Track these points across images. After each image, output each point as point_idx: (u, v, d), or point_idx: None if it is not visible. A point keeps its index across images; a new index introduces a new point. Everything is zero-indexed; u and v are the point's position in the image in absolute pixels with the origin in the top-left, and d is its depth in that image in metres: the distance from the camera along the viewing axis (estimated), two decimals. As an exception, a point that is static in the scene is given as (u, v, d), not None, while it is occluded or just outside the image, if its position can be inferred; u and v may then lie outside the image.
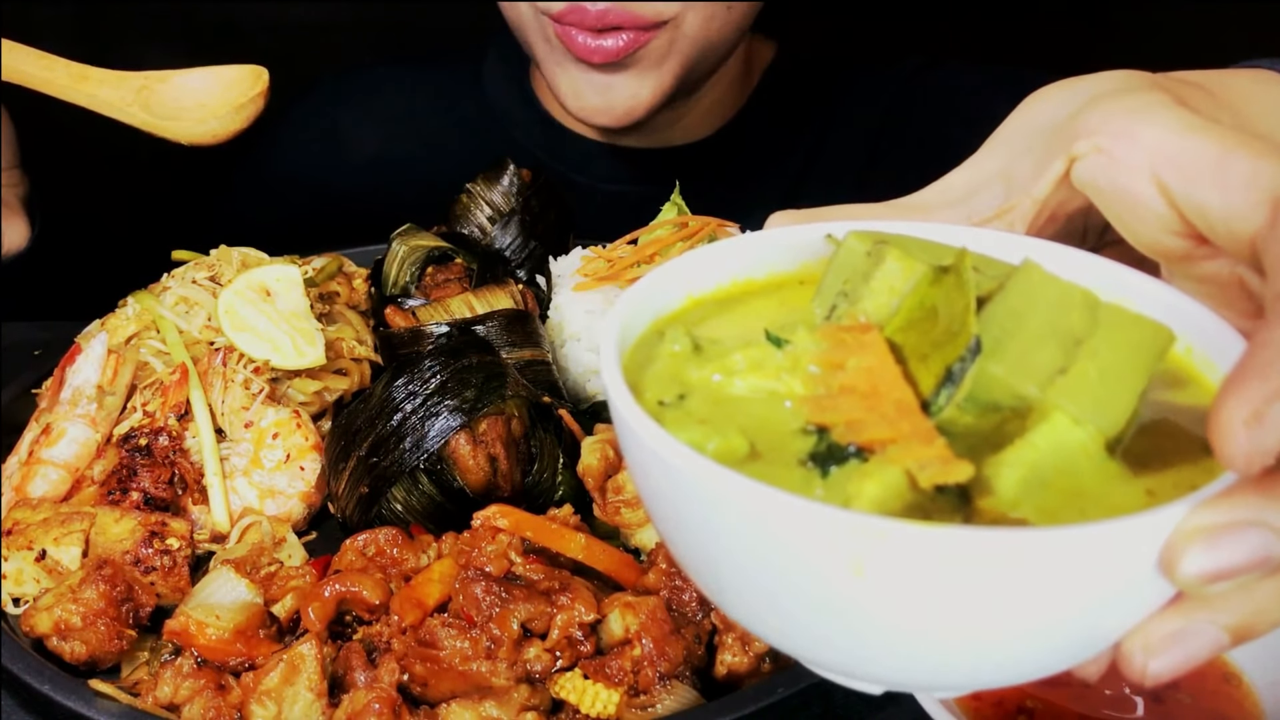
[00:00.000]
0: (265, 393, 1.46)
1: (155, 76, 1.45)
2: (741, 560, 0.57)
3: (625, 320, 0.67)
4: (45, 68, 1.41)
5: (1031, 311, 0.61)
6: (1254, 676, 1.10)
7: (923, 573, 0.52)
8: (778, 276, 0.74)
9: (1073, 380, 0.59)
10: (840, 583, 0.54)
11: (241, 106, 1.43)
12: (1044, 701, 1.07)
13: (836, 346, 0.62)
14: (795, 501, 0.53)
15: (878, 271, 0.64)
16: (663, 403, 0.62)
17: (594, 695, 1.10)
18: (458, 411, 1.39)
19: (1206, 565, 0.53)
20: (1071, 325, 0.61)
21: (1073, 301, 0.62)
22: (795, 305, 0.71)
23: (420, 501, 1.40)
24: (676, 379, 0.64)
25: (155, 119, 1.42)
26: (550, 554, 1.23)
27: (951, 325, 0.61)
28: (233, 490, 1.42)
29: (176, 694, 1.12)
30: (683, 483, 0.56)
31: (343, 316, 1.64)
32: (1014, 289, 0.61)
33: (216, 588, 1.20)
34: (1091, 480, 0.58)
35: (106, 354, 1.50)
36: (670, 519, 0.62)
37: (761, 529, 0.54)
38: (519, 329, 1.52)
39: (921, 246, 0.66)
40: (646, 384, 0.63)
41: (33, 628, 1.21)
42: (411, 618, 1.15)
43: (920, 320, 0.63)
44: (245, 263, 1.62)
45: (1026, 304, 0.61)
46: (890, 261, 0.64)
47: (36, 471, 1.42)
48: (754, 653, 1.15)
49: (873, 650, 0.62)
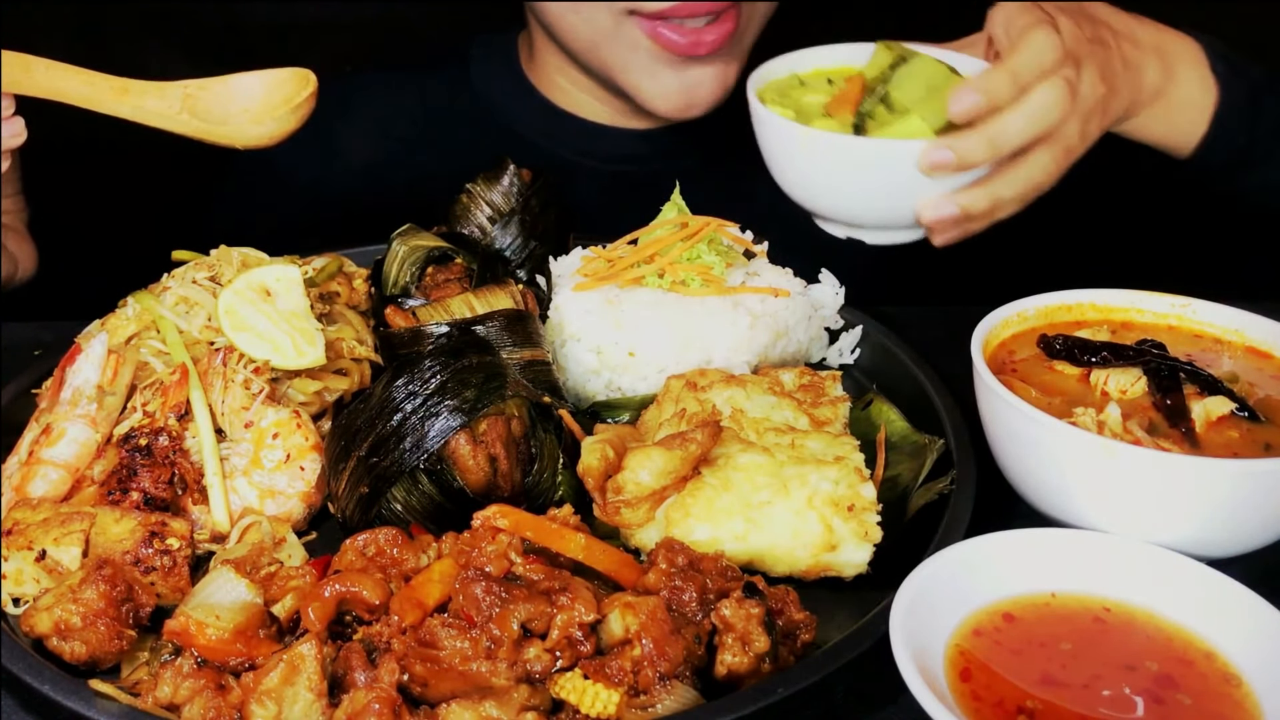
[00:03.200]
0: (265, 393, 1.46)
1: (197, 84, 1.49)
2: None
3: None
4: (85, 83, 1.44)
5: (917, 74, 1.60)
6: (1254, 678, 1.10)
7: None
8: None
9: (926, 103, 1.56)
10: None
11: (297, 107, 1.47)
12: (1044, 701, 1.08)
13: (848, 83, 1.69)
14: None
15: (875, 57, 1.67)
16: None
17: (594, 695, 1.10)
18: (458, 411, 1.39)
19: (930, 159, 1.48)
20: (933, 81, 1.58)
21: (938, 71, 1.60)
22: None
23: (420, 501, 1.40)
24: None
25: (206, 125, 1.46)
26: (550, 554, 1.23)
27: (882, 76, 1.63)
28: (233, 490, 1.42)
29: (176, 694, 1.12)
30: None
31: (343, 316, 1.64)
32: (913, 63, 1.62)
33: (216, 588, 1.20)
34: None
35: (106, 354, 1.50)
36: None
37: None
38: (519, 329, 1.52)
39: (905, 50, 1.65)
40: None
41: (33, 628, 1.21)
42: (411, 618, 1.15)
43: (880, 75, 1.63)
44: (245, 263, 1.62)
45: (917, 70, 1.61)
46: (879, 50, 1.67)
47: (36, 471, 1.42)
48: (754, 653, 1.15)
49: None
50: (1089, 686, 1.09)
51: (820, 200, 1.64)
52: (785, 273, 1.74)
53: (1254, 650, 1.12)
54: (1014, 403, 1.30)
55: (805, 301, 1.71)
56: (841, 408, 1.52)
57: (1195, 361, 1.41)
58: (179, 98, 1.46)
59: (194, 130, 1.46)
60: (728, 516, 1.32)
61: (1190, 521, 1.24)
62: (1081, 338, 1.46)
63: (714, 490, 1.34)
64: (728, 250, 1.71)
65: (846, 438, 1.44)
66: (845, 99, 1.67)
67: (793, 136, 1.60)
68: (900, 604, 1.12)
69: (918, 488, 1.44)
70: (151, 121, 1.45)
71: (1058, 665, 1.11)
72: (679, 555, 1.23)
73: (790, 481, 1.34)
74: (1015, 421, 1.32)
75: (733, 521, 1.32)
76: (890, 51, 1.69)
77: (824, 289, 1.78)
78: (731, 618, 1.16)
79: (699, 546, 1.29)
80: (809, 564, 1.32)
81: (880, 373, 1.70)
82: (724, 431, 1.41)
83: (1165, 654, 1.13)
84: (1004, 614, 1.17)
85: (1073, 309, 1.53)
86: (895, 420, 1.56)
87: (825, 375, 1.59)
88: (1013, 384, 1.38)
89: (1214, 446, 1.30)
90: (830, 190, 1.63)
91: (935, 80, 1.62)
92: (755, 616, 1.16)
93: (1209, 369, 1.39)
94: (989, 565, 1.19)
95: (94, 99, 1.44)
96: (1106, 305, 1.54)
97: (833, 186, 1.62)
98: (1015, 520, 1.30)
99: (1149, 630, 1.16)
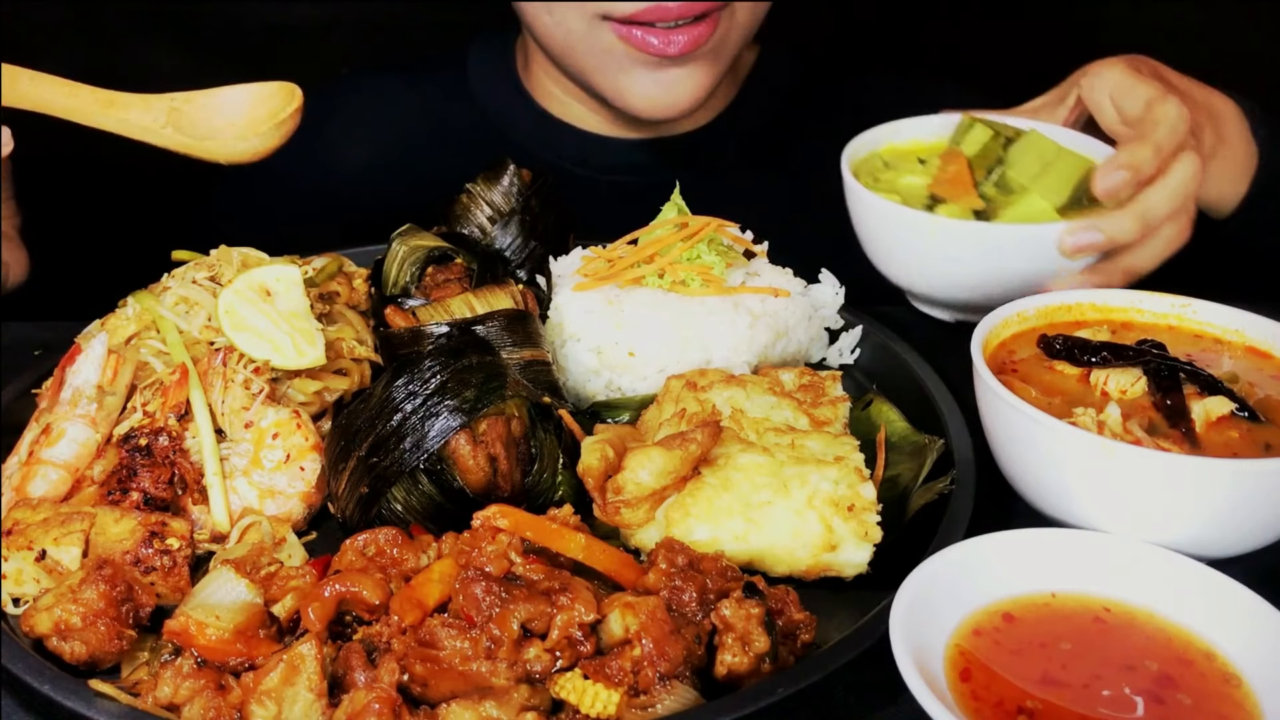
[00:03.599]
0: (265, 393, 1.46)
1: (183, 98, 1.48)
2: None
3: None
4: (70, 95, 1.43)
5: (1029, 150, 1.70)
6: (1254, 678, 1.10)
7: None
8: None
9: (1042, 179, 1.66)
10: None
11: (282, 122, 1.47)
12: (1044, 702, 1.07)
13: (947, 162, 1.77)
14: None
15: (971, 132, 1.77)
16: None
17: (594, 695, 1.10)
18: (458, 411, 1.39)
19: (1076, 242, 1.56)
20: (1045, 156, 1.68)
21: (1049, 146, 1.70)
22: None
23: (420, 501, 1.40)
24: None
25: (191, 139, 1.45)
26: (550, 554, 1.23)
27: (993, 153, 1.73)
28: (233, 490, 1.42)
29: (176, 694, 1.12)
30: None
31: (343, 316, 1.64)
32: (1024, 140, 1.72)
33: (216, 588, 1.20)
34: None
35: (106, 354, 1.50)
36: None
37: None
38: (519, 329, 1.52)
39: (1003, 126, 1.76)
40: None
41: (33, 628, 1.21)
42: (411, 618, 1.15)
43: (982, 150, 1.74)
44: (245, 263, 1.62)
45: (1027, 146, 1.71)
46: (977, 127, 1.76)
47: (36, 471, 1.42)
48: (754, 653, 1.15)
49: None
50: (1089, 686, 1.09)
51: (935, 284, 1.66)
52: (785, 273, 1.74)
53: (1254, 650, 1.11)
54: (1014, 403, 1.31)
55: (805, 301, 1.71)
56: (841, 408, 1.52)
57: (1195, 361, 1.41)
58: (164, 111, 1.45)
59: (178, 145, 1.45)
60: (728, 516, 1.32)
61: (1190, 521, 1.24)
62: (1081, 338, 1.45)
63: (714, 490, 1.34)
64: (728, 250, 1.71)
65: (846, 438, 1.44)
66: (956, 181, 1.69)
67: (917, 225, 1.61)
68: (900, 604, 1.12)
69: (918, 488, 1.44)
70: (136, 135, 1.44)
71: (1058, 665, 1.11)
72: (679, 555, 1.23)
73: (790, 481, 1.34)
74: (1015, 421, 1.32)
75: (733, 521, 1.32)
76: (985, 126, 1.74)
77: (824, 289, 1.78)
78: (731, 618, 1.16)
79: (699, 546, 1.29)
80: (809, 564, 1.32)
81: (880, 373, 1.70)
82: (724, 431, 1.41)
83: (1165, 654, 1.13)
84: (1004, 614, 1.17)
85: (1073, 309, 1.53)
86: (895, 420, 1.56)
87: (825, 375, 1.59)
88: (1013, 384, 1.38)
89: (1214, 446, 1.30)
90: (946, 275, 1.64)
91: (1048, 156, 1.66)
92: (755, 616, 1.16)
93: (1209, 369, 1.39)
94: (989, 565, 1.19)
95: (78, 111, 1.43)
96: (1106, 305, 1.54)
97: (952, 271, 1.63)
98: (1015, 520, 1.30)
99: (1149, 630, 1.16)
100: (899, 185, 1.75)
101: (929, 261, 1.65)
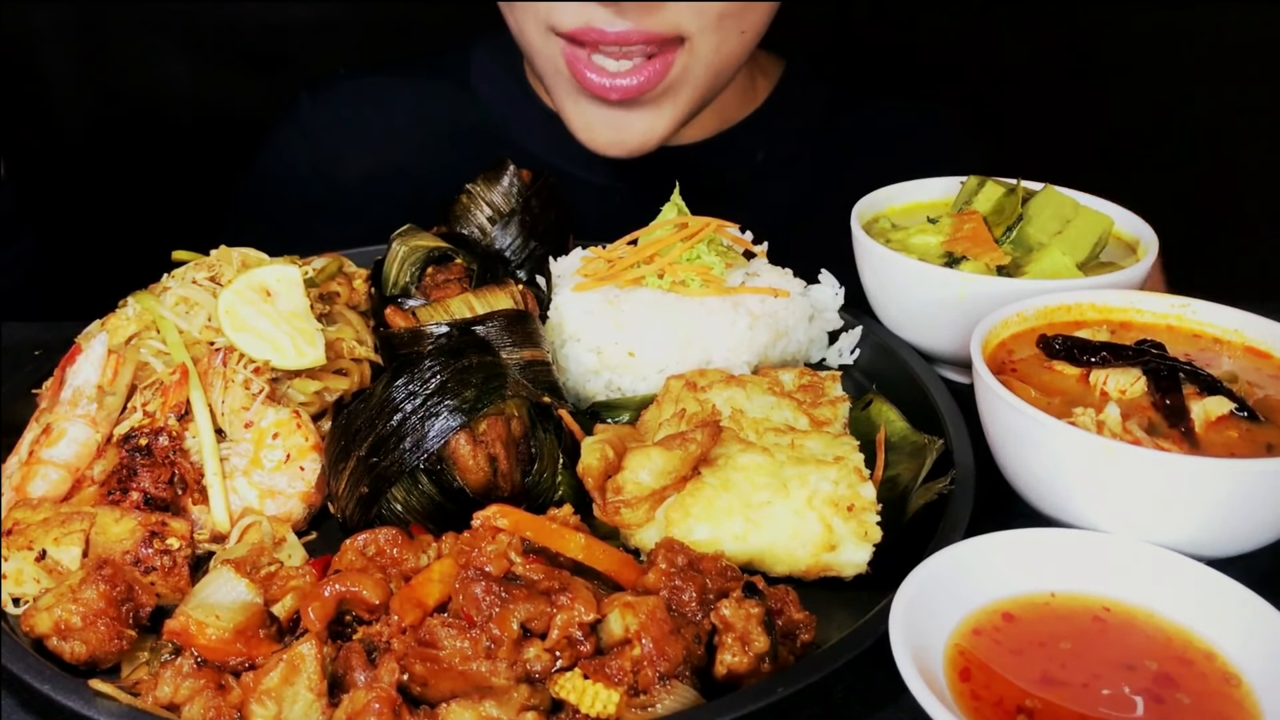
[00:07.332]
0: (265, 393, 1.46)
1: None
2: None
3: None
4: None
5: (1047, 206, 1.74)
6: (1254, 678, 1.10)
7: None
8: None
9: (1062, 236, 1.70)
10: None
11: None
12: (1043, 701, 1.08)
13: (962, 220, 1.76)
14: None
15: (983, 191, 1.80)
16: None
17: (594, 695, 1.10)
18: (458, 411, 1.39)
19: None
20: (1063, 213, 1.74)
21: (1066, 203, 1.75)
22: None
23: (420, 501, 1.40)
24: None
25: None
26: (550, 554, 1.24)
27: (1010, 210, 1.75)
28: (233, 490, 1.42)
29: (176, 694, 1.12)
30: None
31: (343, 316, 1.64)
32: (1041, 197, 1.76)
33: (216, 588, 1.20)
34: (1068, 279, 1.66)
35: (106, 354, 1.50)
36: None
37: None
38: (519, 329, 1.52)
39: (1012, 183, 1.80)
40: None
41: (33, 628, 1.21)
42: (411, 618, 1.15)
43: (997, 207, 1.77)
44: (245, 263, 1.62)
45: (1045, 203, 1.75)
46: (989, 186, 1.80)
47: (37, 471, 1.42)
48: (754, 653, 1.15)
49: None
50: (1088, 686, 1.09)
51: (962, 343, 1.59)
52: (785, 273, 1.74)
53: (1254, 650, 1.11)
54: (1014, 403, 1.31)
55: (805, 302, 1.71)
56: (841, 408, 1.52)
57: (1195, 361, 1.41)
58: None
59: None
60: (728, 516, 1.32)
61: (1190, 521, 1.24)
62: (1081, 338, 1.46)
63: (714, 490, 1.34)
64: (727, 251, 1.71)
65: (846, 438, 1.44)
66: (975, 238, 1.68)
67: (946, 283, 1.60)
68: (900, 604, 1.12)
69: (918, 488, 1.44)
70: None
71: (1057, 665, 1.11)
72: (679, 555, 1.23)
73: (790, 481, 1.34)
74: (1015, 421, 1.32)
75: (732, 521, 1.32)
76: (996, 184, 1.77)
77: (824, 289, 1.78)
78: (731, 618, 1.16)
79: (699, 546, 1.29)
80: (809, 564, 1.32)
81: (880, 373, 1.70)
82: (724, 432, 1.41)
83: (1165, 654, 1.13)
84: (1003, 613, 1.17)
85: (1072, 309, 1.53)
86: (895, 420, 1.56)
87: (825, 375, 1.59)
88: (1012, 384, 1.38)
89: (1213, 446, 1.30)
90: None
91: (1066, 213, 1.71)
92: (755, 616, 1.16)
93: (1208, 369, 1.39)
94: (988, 565, 1.19)
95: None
96: (1106, 305, 1.54)
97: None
98: (1015, 520, 1.30)
99: (1149, 630, 1.16)
100: (911, 245, 1.74)
101: (957, 319, 1.61)
